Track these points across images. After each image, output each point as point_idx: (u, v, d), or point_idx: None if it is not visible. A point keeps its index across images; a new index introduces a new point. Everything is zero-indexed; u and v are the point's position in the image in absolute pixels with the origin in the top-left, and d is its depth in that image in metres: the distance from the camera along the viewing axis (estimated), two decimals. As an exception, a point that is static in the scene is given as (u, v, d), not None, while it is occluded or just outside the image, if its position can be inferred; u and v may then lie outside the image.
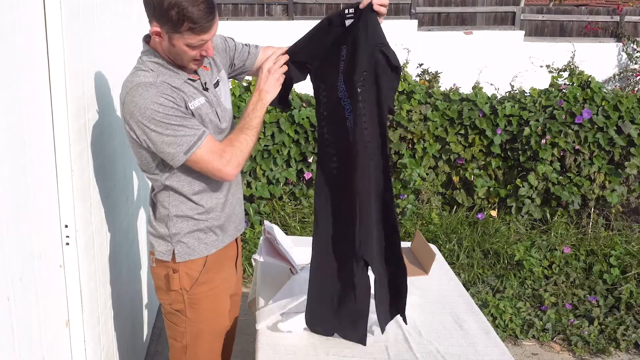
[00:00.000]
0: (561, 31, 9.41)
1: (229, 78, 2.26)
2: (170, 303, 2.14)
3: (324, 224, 2.13)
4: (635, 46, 8.95)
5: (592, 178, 4.65)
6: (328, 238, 2.13)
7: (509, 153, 4.78)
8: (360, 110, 1.97)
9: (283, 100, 2.17)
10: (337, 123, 2.06)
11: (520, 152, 4.69)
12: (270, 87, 2.08)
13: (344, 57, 2.02)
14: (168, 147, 1.90)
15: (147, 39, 2.02)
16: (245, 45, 2.26)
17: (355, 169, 2.00)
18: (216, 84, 2.12)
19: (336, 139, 2.09)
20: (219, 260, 2.17)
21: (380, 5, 1.94)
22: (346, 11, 2.01)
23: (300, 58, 2.13)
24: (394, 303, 2.17)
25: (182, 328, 2.16)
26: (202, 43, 1.89)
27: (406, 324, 2.20)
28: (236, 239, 2.27)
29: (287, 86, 2.15)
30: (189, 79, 2.01)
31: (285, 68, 2.12)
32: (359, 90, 1.97)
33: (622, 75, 8.89)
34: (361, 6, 1.96)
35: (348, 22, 2.01)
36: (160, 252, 2.10)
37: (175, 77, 1.98)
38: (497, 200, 4.81)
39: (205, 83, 2.07)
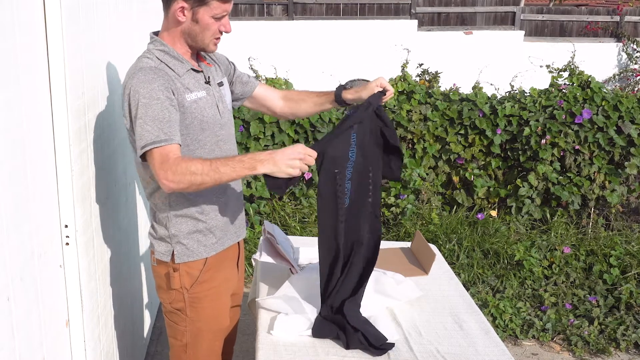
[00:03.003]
0: (561, 31, 9.41)
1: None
2: (170, 302, 2.15)
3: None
4: (635, 46, 8.95)
5: (592, 178, 4.65)
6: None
7: (509, 153, 4.78)
8: (370, 178, 2.18)
9: (278, 188, 1.91)
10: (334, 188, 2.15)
11: (520, 152, 4.69)
12: (280, 165, 1.85)
13: (354, 129, 2.12)
14: (136, 135, 1.91)
15: (155, 34, 2.09)
16: (244, 73, 2.36)
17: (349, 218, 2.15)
18: (220, 84, 2.17)
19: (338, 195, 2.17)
20: (220, 259, 2.17)
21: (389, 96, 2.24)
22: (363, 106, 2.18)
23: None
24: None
25: (183, 327, 2.16)
26: (224, 15, 1.99)
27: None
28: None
29: (290, 182, 1.92)
30: (192, 69, 2.05)
31: (308, 163, 1.92)
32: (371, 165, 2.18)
33: (622, 75, 8.88)
34: (384, 99, 2.22)
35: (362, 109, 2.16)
36: (160, 252, 2.11)
37: (180, 65, 2.02)
38: (497, 200, 4.81)
39: (209, 77, 2.10)
